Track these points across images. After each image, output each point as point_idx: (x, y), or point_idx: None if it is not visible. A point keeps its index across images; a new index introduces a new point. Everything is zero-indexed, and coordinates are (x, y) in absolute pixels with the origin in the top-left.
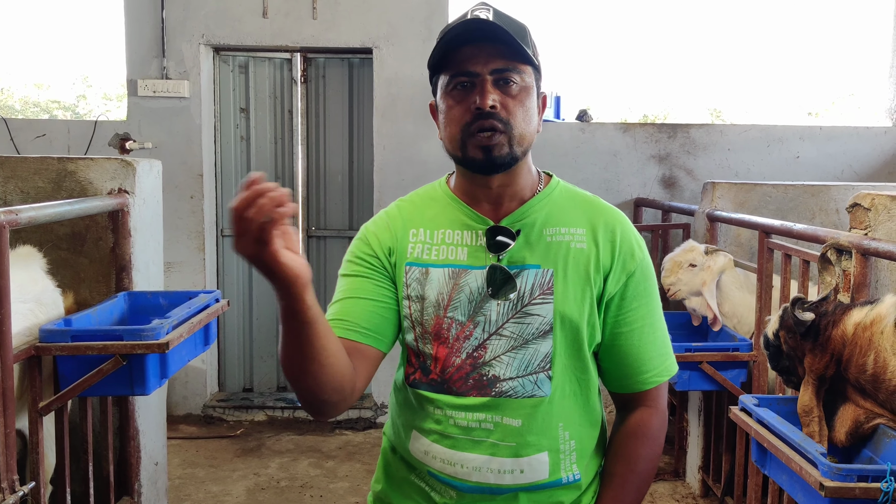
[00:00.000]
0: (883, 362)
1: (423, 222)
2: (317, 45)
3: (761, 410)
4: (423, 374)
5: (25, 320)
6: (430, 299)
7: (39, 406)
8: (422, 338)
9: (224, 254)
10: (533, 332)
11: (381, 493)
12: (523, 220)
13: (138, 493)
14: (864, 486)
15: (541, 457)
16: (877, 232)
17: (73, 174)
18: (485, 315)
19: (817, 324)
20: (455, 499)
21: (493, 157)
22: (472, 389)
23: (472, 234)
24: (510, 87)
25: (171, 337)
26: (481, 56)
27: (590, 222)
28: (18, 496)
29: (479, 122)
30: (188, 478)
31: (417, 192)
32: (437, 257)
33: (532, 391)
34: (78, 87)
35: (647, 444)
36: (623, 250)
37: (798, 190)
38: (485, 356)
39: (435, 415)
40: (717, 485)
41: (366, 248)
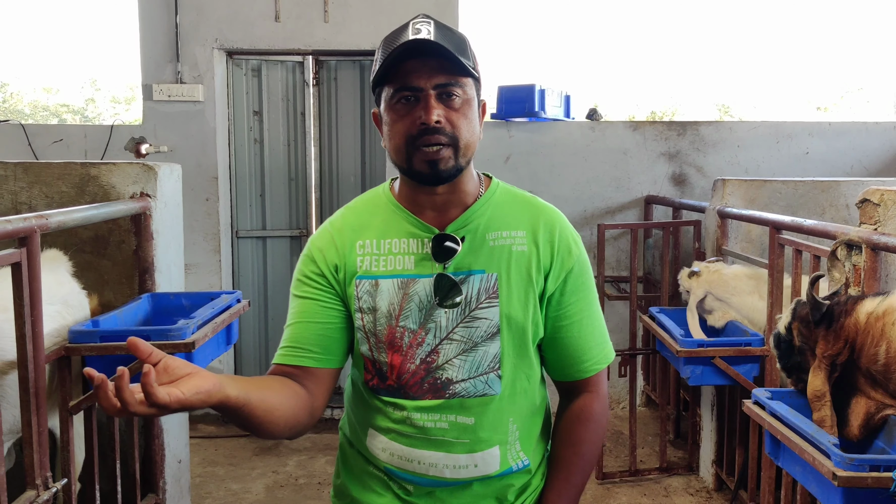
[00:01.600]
0: (895, 353)
1: (369, 233)
2: (328, 47)
3: (774, 403)
4: (380, 380)
5: (54, 322)
6: (382, 310)
7: (70, 405)
8: (376, 347)
9: (239, 255)
10: (481, 335)
11: (340, 486)
12: (467, 226)
13: (163, 491)
14: (876, 475)
15: (493, 451)
16: (886, 227)
17: (96, 179)
18: (435, 322)
19: (831, 310)
20: (412, 491)
21: (439, 171)
22: (428, 392)
23: (417, 243)
24: (453, 100)
25: (197, 336)
26: (424, 70)
27: (530, 224)
28: (52, 492)
29: (424, 137)
30: (208, 476)
31: (361, 198)
32: (386, 268)
33: (483, 390)
34: (87, 91)
35: (590, 427)
36: (561, 249)
37: (808, 186)
38: (437, 360)
39: (393, 415)
40: (730, 478)
41: (312, 267)
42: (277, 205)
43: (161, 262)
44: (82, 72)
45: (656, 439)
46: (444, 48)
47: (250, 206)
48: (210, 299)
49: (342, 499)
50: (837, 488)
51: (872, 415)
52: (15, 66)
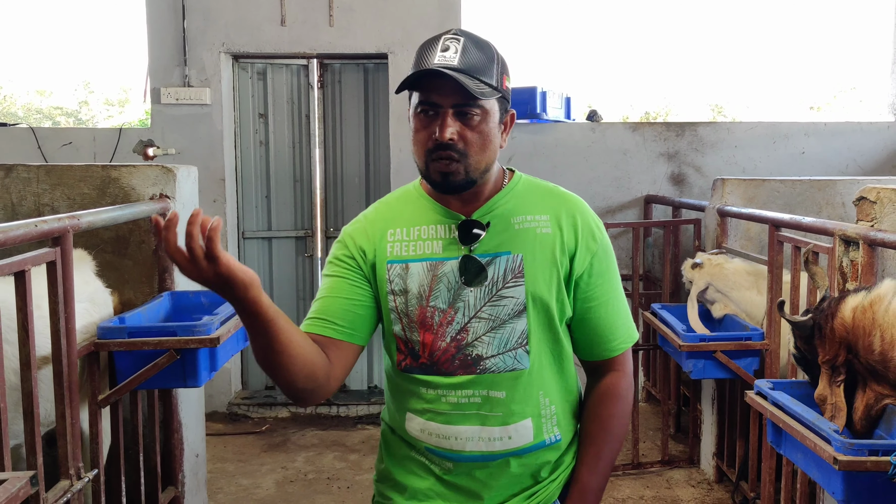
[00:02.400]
0: (891, 338)
1: (399, 222)
2: (333, 51)
3: (776, 393)
4: (412, 359)
5: (81, 319)
6: (413, 292)
7: (99, 399)
8: (409, 327)
9: (245, 256)
10: (508, 313)
11: (384, 472)
12: (492, 213)
13: (182, 483)
14: (874, 459)
15: (525, 423)
16: (882, 223)
17: (117, 181)
18: (464, 301)
19: (817, 321)
20: (452, 470)
21: (450, 182)
22: (459, 369)
23: (445, 228)
24: (470, 119)
25: (221, 332)
26: (445, 89)
27: (553, 210)
28: (84, 482)
29: (437, 152)
30: (219, 472)
31: (393, 194)
32: (415, 252)
33: (513, 365)
34: (80, 94)
35: (617, 403)
36: (585, 233)
37: (805, 185)
38: (467, 338)
39: (427, 395)
40: (731, 470)
41: (343, 251)
42: (283, 206)
43: None
44: (75, 74)
45: (657, 433)
46: (464, 75)
47: (256, 207)
48: None
49: (385, 482)
50: (838, 472)
51: (872, 405)
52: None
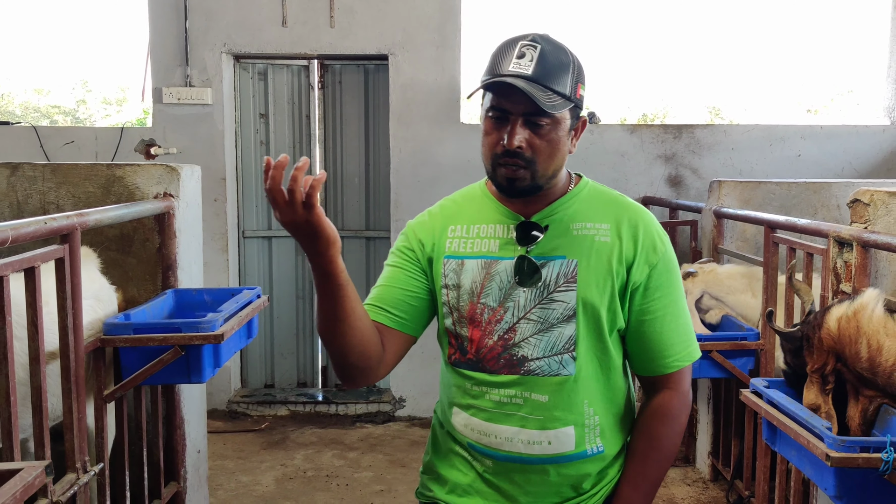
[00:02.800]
0: (877, 345)
1: (461, 219)
2: (334, 52)
3: (771, 392)
4: (461, 354)
5: (87, 315)
6: (465, 287)
7: (105, 394)
8: (458, 322)
9: (245, 255)
10: (557, 317)
11: (429, 464)
12: (552, 217)
13: (184, 479)
14: (866, 456)
15: (567, 430)
16: (876, 225)
17: (122, 179)
18: (514, 301)
19: (804, 333)
20: (491, 467)
21: (515, 187)
22: (504, 368)
23: (503, 228)
24: (539, 128)
25: (225, 329)
26: (517, 97)
27: (615, 218)
28: (91, 475)
29: (505, 158)
30: (218, 469)
31: (460, 192)
32: (472, 250)
33: (557, 370)
34: (78, 93)
35: (668, 423)
36: (645, 244)
37: (800, 187)
38: (514, 338)
39: (472, 391)
40: (726, 469)
41: (406, 243)
42: None
43: (183, 260)
44: (73, 73)
45: None
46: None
47: (256, 206)
48: (231, 295)
49: (429, 473)
50: (830, 469)
51: (867, 409)
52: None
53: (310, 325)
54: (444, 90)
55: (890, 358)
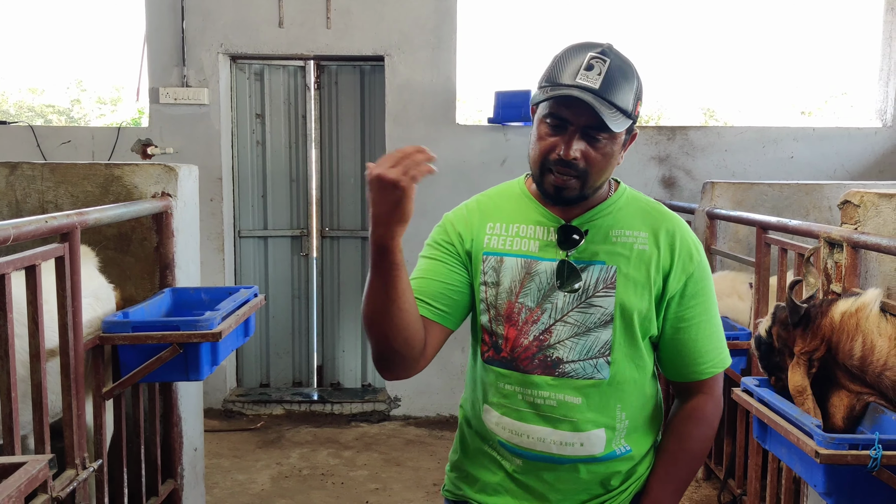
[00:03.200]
0: (871, 344)
1: (500, 217)
2: (330, 53)
3: (762, 390)
4: (495, 352)
5: (86, 313)
6: (504, 285)
7: (103, 391)
8: (495, 319)
9: (241, 254)
10: (595, 322)
11: (457, 462)
12: (593, 221)
13: (181, 476)
14: (855, 453)
15: (598, 433)
16: (866, 226)
17: (120, 179)
18: (552, 303)
19: (808, 312)
20: (521, 466)
21: (563, 196)
22: (538, 368)
23: (543, 230)
24: (597, 142)
25: (223, 327)
26: (579, 109)
27: (652, 227)
28: (90, 471)
29: (558, 167)
30: (214, 467)
31: (496, 188)
32: (512, 248)
33: (592, 374)
34: (72, 92)
35: (700, 425)
36: (682, 254)
37: (793, 188)
38: (549, 340)
39: (504, 390)
40: (718, 468)
41: (444, 236)
42: (279, 205)
43: (180, 259)
44: (68, 72)
45: None
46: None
47: (252, 206)
48: (229, 294)
49: (457, 472)
50: (820, 466)
51: (854, 406)
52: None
53: (305, 325)
54: (439, 91)
55: (881, 358)
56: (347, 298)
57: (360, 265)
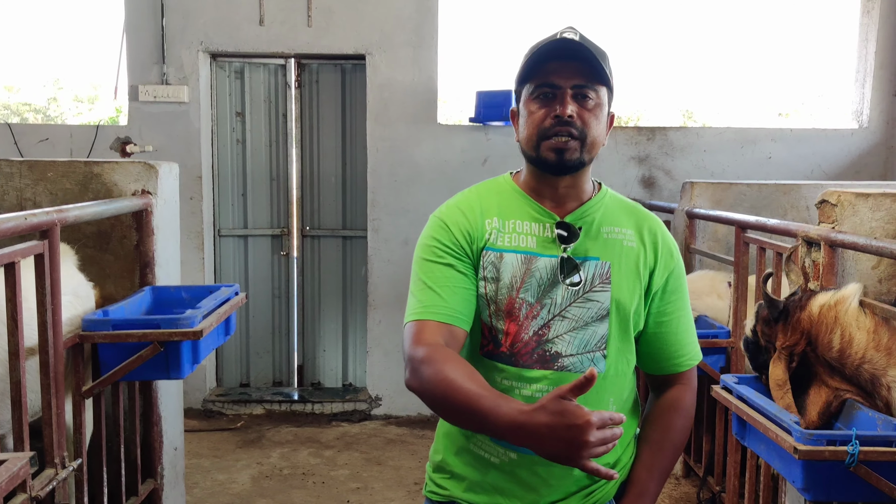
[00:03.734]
0: (849, 337)
1: (494, 212)
2: (311, 51)
3: (741, 387)
4: (494, 346)
5: (65, 312)
6: (504, 281)
7: (83, 390)
8: (495, 315)
9: (221, 253)
10: (592, 316)
11: (441, 462)
12: (584, 218)
13: (161, 476)
14: (832, 448)
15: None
16: (843, 225)
17: (99, 176)
18: (551, 298)
19: (787, 307)
20: (515, 460)
21: (564, 160)
22: (537, 363)
23: (540, 226)
24: (587, 101)
25: (204, 325)
26: (565, 72)
27: (636, 225)
28: (69, 471)
29: (556, 128)
30: (194, 467)
31: (481, 185)
32: (510, 244)
33: (589, 367)
34: (49, 90)
35: (681, 415)
36: (664, 251)
37: (771, 188)
38: (548, 334)
39: (502, 384)
40: (698, 465)
41: (449, 236)
42: (259, 204)
43: (160, 257)
44: (44, 70)
45: None
46: (588, 51)
47: (232, 205)
48: (209, 292)
49: (443, 472)
50: (798, 461)
51: (831, 402)
52: None
53: (285, 324)
54: (421, 90)
55: (859, 351)
56: (328, 298)
57: (341, 264)
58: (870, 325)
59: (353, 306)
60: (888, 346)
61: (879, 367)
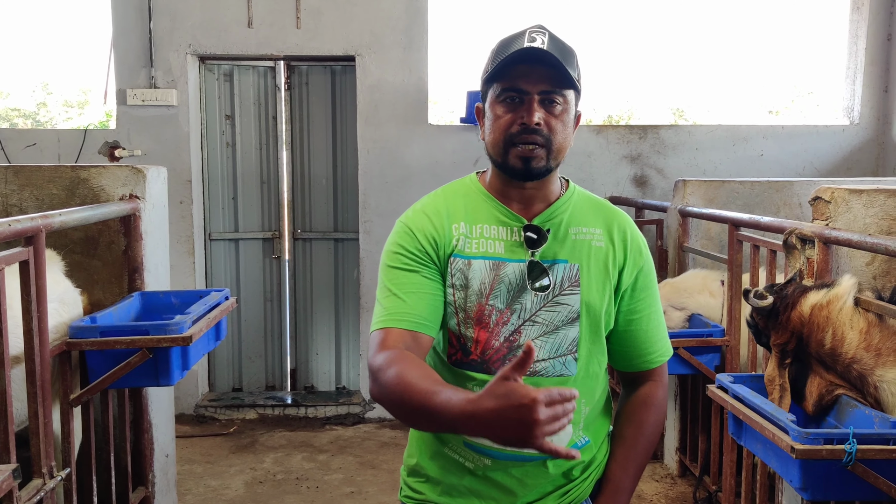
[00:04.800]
0: (841, 336)
1: (462, 216)
2: (300, 53)
3: (736, 386)
4: (463, 354)
5: (52, 319)
6: (473, 288)
7: (71, 398)
8: (464, 322)
9: (212, 257)
10: (562, 320)
11: (415, 467)
12: (552, 220)
13: (152, 483)
14: (830, 447)
15: (567, 428)
16: (836, 222)
17: (86, 181)
18: (521, 304)
19: (776, 307)
20: (489, 466)
21: (530, 168)
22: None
23: (507, 230)
24: (554, 107)
25: (194, 331)
26: (533, 76)
27: (605, 223)
28: (57, 480)
29: (523, 136)
30: (186, 474)
31: (447, 187)
32: (478, 250)
33: (560, 371)
34: (38, 95)
35: (653, 411)
36: (633, 248)
37: (763, 186)
38: (519, 340)
39: (473, 391)
40: (694, 464)
41: (414, 242)
42: (250, 207)
43: (149, 262)
44: (33, 75)
45: None
46: (556, 59)
47: (223, 208)
48: (199, 297)
49: (417, 476)
50: (795, 461)
51: (824, 395)
52: None
53: (278, 328)
54: (411, 91)
55: (850, 350)
56: (320, 301)
57: (333, 267)
58: (862, 326)
59: (345, 309)
60: (878, 347)
61: (867, 366)
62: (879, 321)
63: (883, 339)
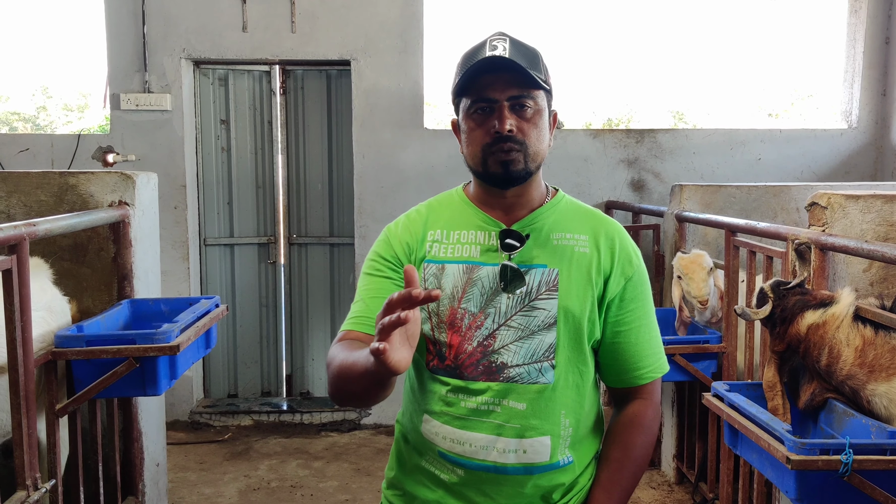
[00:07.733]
0: (837, 353)
1: (440, 224)
2: (295, 57)
3: (732, 395)
4: (439, 360)
5: (38, 327)
6: (446, 292)
7: (57, 408)
8: (437, 327)
9: (207, 262)
10: (539, 325)
11: (393, 479)
12: (533, 225)
13: (142, 493)
14: (826, 458)
15: (543, 440)
16: (833, 228)
17: (75, 188)
18: (495, 307)
19: (774, 315)
20: (463, 476)
21: (510, 172)
22: (482, 375)
23: (485, 235)
24: (525, 111)
25: (182, 340)
26: (499, 84)
27: (592, 231)
28: (42, 492)
29: (498, 144)
30: (180, 481)
31: (436, 198)
32: (453, 255)
33: (536, 378)
34: (38, 99)
35: (642, 432)
36: (622, 257)
37: (760, 190)
38: (494, 345)
39: (447, 398)
40: (690, 471)
41: (388, 249)
42: (245, 212)
43: (139, 269)
44: (33, 79)
45: None
46: (517, 64)
47: (218, 213)
48: (189, 304)
49: (395, 489)
50: (791, 471)
51: (815, 395)
52: None
53: (273, 333)
54: (407, 96)
55: (845, 367)
56: (316, 306)
57: (329, 272)
58: (858, 343)
59: (341, 314)
60: (871, 364)
61: (860, 382)
62: (875, 336)
63: (877, 356)
